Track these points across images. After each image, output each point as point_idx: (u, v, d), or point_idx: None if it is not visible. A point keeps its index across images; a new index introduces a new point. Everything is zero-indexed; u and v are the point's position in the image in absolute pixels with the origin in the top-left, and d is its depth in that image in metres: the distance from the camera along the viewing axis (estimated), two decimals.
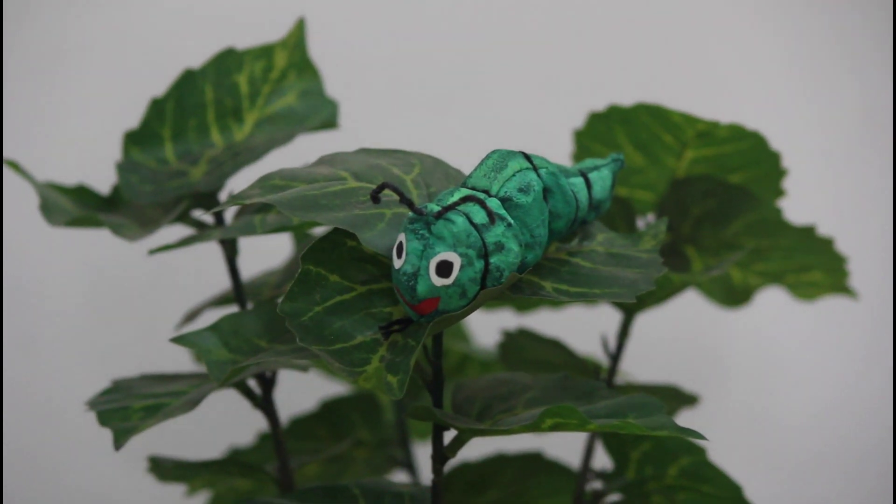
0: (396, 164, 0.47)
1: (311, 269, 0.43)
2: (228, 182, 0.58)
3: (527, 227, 0.43)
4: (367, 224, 0.43)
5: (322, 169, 0.46)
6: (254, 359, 0.47)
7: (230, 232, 0.54)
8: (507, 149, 0.44)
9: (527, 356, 0.65)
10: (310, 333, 0.42)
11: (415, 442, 0.75)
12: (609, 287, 0.45)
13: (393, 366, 0.41)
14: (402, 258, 0.41)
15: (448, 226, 0.40)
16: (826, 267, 0.65)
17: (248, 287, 0.63)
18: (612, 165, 0.50)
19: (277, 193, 0.44)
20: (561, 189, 0.45)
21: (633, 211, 0.64)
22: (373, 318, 0.42)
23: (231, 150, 0.59)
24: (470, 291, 0.41)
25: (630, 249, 0.48)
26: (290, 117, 0.60)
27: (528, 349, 0.65)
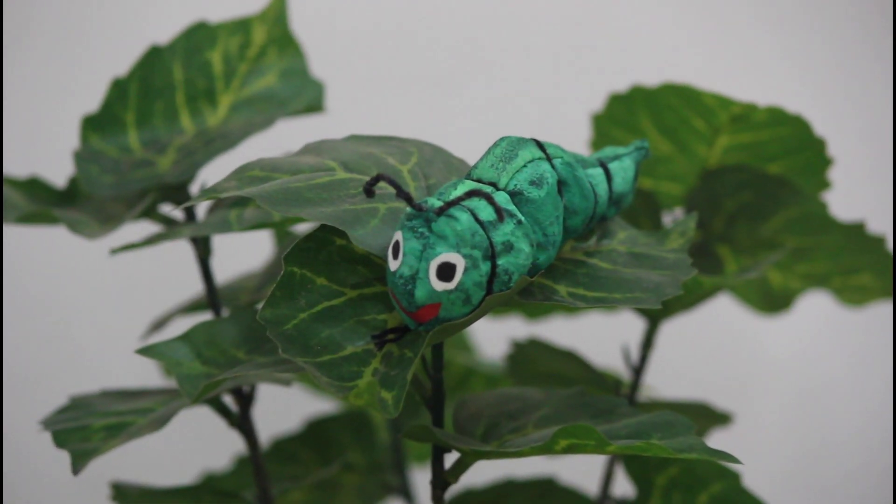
0: (391, 153, 0.47)
1: (294, 270, 0.43)
2: (200, 173, 0.58)
3: (539, 225, 0.43)
4: (358, 220, 0.43)
5: (307, 158, 0.46)
6: (230, 372, 0.47)
7: (203, 229, 0.54)
8: (516, 136, 0.44)
9: (538, 369, 0.65)
10: (294, 343, 0.42)
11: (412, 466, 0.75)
12: (631, 291, 0.45)
13: (387, 380, 0.41)
14: (399, 259, 0.41)
15: (451, 223, 0.40)
16: (876, 269, 0.65)
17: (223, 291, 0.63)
18: (634, 154, 0.50)
19: (256, 186, 0.44)
20: (577, 181, 0.45)
21: (659, 205, 0.64)
22: (365, 326, 0.43)
23: (203, 137, 0.59)
24: (475, 297, 0.41)
25: (655, 249, 0.49)
26: (270, 100, 0.60)
27: (540, 361, 0.65)
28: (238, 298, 0.62)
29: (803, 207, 0.63)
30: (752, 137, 0.62)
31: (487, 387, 0.75)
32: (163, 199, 0.58)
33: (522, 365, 0.65)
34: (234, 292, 0.63)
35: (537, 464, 0.80)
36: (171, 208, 0.55)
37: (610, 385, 0.62)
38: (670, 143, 0.64)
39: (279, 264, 0.63)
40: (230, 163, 0.56)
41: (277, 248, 0.67)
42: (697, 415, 0.66)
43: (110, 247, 0.57)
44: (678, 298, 0.60)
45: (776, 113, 0.61)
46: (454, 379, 0.74)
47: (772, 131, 0.62)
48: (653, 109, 0.63)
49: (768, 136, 0.62)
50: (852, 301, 0.67)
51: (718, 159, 0.64)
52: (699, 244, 0.64)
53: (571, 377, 0.64)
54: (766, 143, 0.63)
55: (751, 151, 0.63)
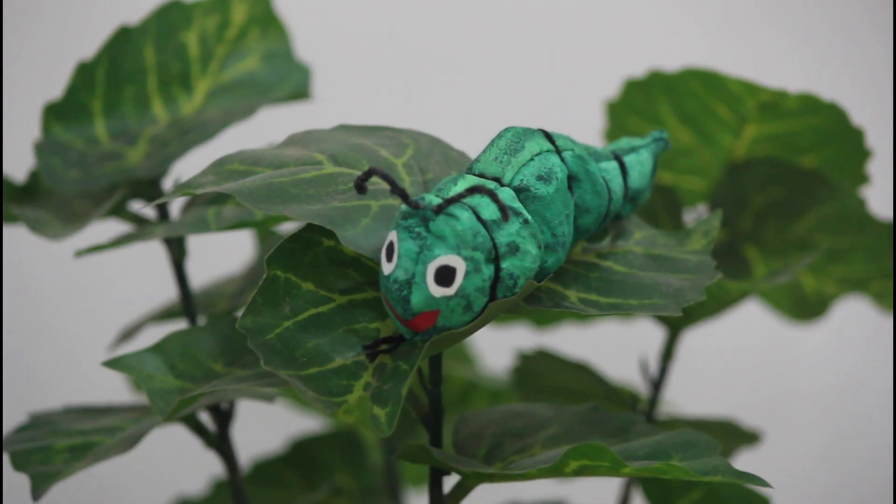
0: (385, 145, 0.47)
1: (278, 274, 0.43)
2: (174, 167, 0.58)
3: (547, 224, 0.43)
4: (348, 219, 0.43)
5: (292, 150, 0.46)
6: (207, 386, 0.47)
7: (177, 229, 0.54)
8: (523, 126, 0.45)
9: (546, 383, 0.65)
10: (277, 355, 0.42)
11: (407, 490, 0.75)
12: (649, 297, 0.45)
13: (380, 395, 0.41)
14: (393, 262, 0.41)
15: (450, 222, 0.41)
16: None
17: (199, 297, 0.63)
18: (653, 146, 0.50)
19: (236, 181, 0.44)
20: (590, 176, 0.45)
21: (680, 202, 0.64)
22: (355, 335, 0.43)
23: (178, 127, 0.59)
24: (476, 304, 0.41)
25: (675, 250, 0.49)
26: (251, 85, 0.60)
27: (549, 374, 0.65)
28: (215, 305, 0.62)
29: (839, 204, 0.63)
30: (782, 127, 0.63)
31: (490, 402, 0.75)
32: (133, 195, 0.58)
33: (529, 378, 0.65)
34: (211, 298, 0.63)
35: (545, 487, 0.80)
36: (142, 206, 0.55)
37: (626, 400, 0.62)
38: (692, 134, 0.64)
39: (261, 267, 0.63)
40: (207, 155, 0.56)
41: (259, 250, 0.67)
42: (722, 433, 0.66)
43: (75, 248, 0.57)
44: (701, 305, 0.60)
45: (809, 100, 0.61)
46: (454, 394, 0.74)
47: (804, 120, 0.62)
48: (673, 96, 0.63)
49: (800, 126, 0.62)
50: (893, 307, 0.68)
51: (745, 151, 0.64)
52: (724, 245, 0.64)
53: (583, 392, 0.64)
54: (798, 134, 0.63)
55: (781, 142, 0.63)
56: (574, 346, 0.77)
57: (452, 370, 0.75)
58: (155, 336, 0.59)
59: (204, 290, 0.65)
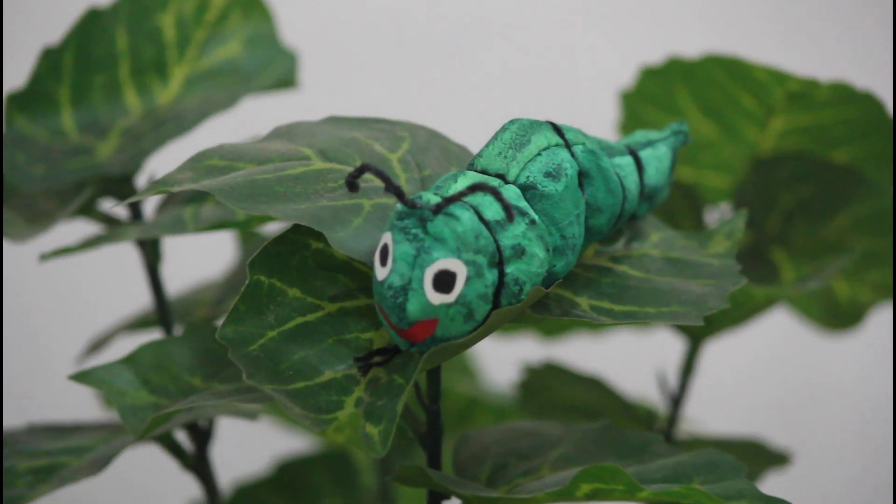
0: (378, 138, 0.47)
1: (262, 280, 0.43)
2: (148, 162, 0.58)
3: (556, 225, 0.43)
4: (338, 219, 0.43)
5: (277, 144, 0.46)
6: (184, 402, 0.47)
7: (151, 230, 0.54)
8: (529, 118, 0.45)
9: (555, 399, 0.65)
10: (261, 368, 0.42)
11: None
12: (667, 305, 0.46)
13: (374, 412, 0.41)
14: (388, 266, 0.41)
15: (450, 223, 0.41)
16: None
17: (175, 305, 0.64)
18: (671, 140, 0.50)
19: (216, 178, 0.44)
20: (602, 172, 0.45)
21: (701, 201, 0.64)
22: (346, 346, 0.43)
23: (152, 119, 0.59)
24: (479, 312, 0.41)
25: (696, 253, 0.49)
26: (232, 73, 0.60)
27: (558, 390, 0.65)
28: (193, 313, 0.63)
29: (875, 203, 0.63)
30: (812, 119, 0.63)
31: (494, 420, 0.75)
32: (103, 193, 0.58)
33: (537, 394, 0.65)
34: (188, 306, 0.63)
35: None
36: (113, 204, 0.55)
37: (642, 418, 0.63)
38: (714, 126, 0.64)
39: (243, 272, 0.63)
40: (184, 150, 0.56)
41: (241, 253, 0.68)
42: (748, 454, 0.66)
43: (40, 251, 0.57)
44: (724, 313, 0.60)
45: (842, 89, 0.61)
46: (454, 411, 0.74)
47: (837, 112, 0.62)
48: (693, 85, 0.63)
49: (832, 118, 0.62)
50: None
51: (773, 145, 0.64)
52: (750, 247, 0.64)
53: (595, 408, 0.64)
54: (829, 126, 0.63)
55: (811, 136, 0.63)
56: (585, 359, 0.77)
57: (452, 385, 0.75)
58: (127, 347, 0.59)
59: (181, 297, 0.65)
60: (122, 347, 0.64)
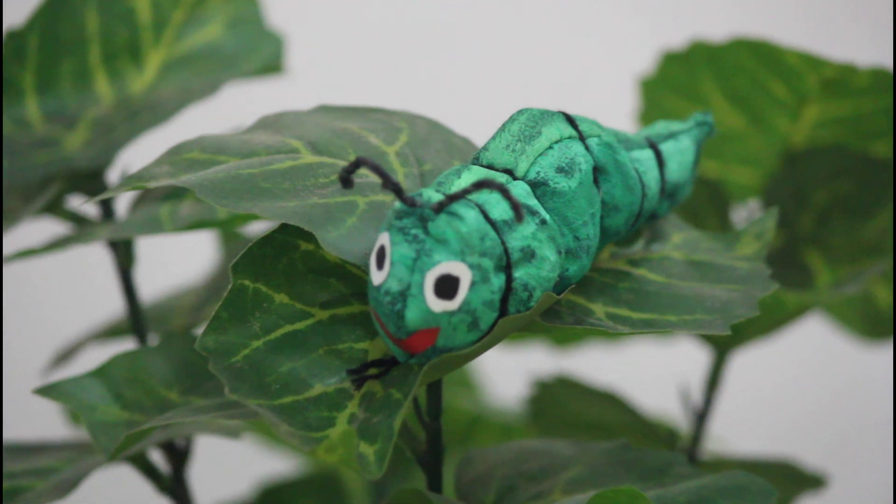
0: (374, 130, 0.47)
1: (246, 284, 0.43)
2: (121, 155, 0.58)
3: (569, 225, 0.43)
4: (330, 218, 0.43)
5: (263, 136, 0.46)
6: (160, 419, 0.47)
7: (124, 230, 0.54)
8: (539, 108, 0.45)
9: (568, 416, 0.65)
10: (245, 381, 0.42)
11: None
12: (690, 312, 0.46)
13: (369, 430, 0.41)
14: (385, 270, 0.41)
15: (453, 223, 0.41)
16: None
17: (151, 311, 0.64)
18: (695, 131, 0.51)
19: (196, 172, 0.44)
20: (620, 167, 0.45)
21: (728, 198, 0.64)
22: (339, 357, 0.43)
23: (126, 108, 0.59)
24: (484, 320, 0.41)
25: (722, 256, 0.49)
26: (213, 57, 0.60)
27: (570, 405, 0.65)
28: (170, 321, 0.63)
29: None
30: (850, 108, 0.63)
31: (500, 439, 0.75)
32: (72, 189, 0.58)
33: (547, 410, 0.66)
34: (165, 313, 0.63)
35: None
36: (82, 202, 0.56)
37: (663, 436, 0.63)
38: (742, 116, 0.64)
39: (225, 276, 0.63)
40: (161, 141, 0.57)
41: (223, 256, 0.68)
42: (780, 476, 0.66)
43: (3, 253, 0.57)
44: (753, 322, 0.60)
45: (882, 76, 0.61)
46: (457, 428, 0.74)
47: (876, 100, 0.62)
48: (719, 72, 0.63)
49: (871, 107, 0.62)
50: None
51: (806, 137, 0.64)
52: (781, 249, 0.64)
53: (611, 426, 0.64)
54: (868, 116, 0.63)
55: (848, 126, 0.63)
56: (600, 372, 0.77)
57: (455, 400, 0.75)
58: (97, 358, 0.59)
59: (156, 304, 0.65)
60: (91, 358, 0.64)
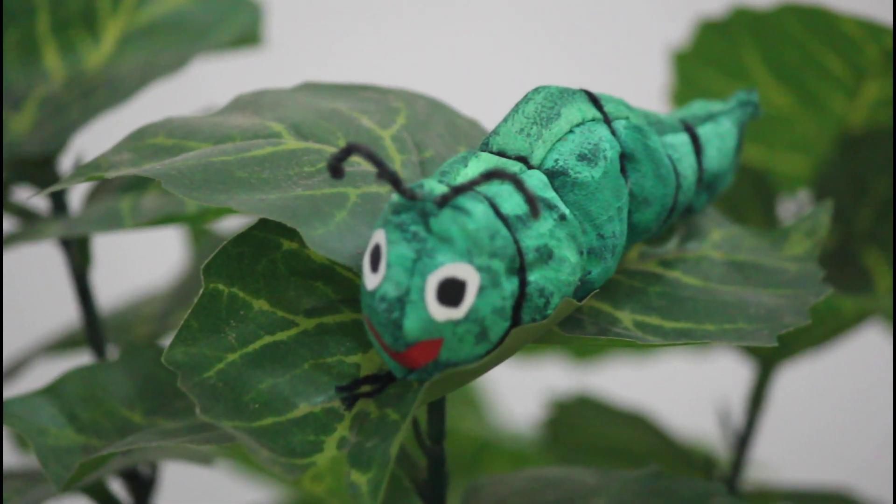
0: (367, 111, 0.47)
1: (220, 289, 0.43)
2: (75, 139, 0.58)
3: (592, 222, 0.44)
4: (317, 213, 0.43)
5: (239, 118, 0.46)
6: (120, 444, 0.47)
7: (79, 226, 0.54)
8: (558, 86, 0.45)
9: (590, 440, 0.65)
10: (219, 400, 0.42)
11: None
12: (732, 321, 0.46)
13: (361, 455, 0.41)
14: (381, 273, 0.41)
15: (459, 219, 0.41)
16: None
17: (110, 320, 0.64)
18: (737, 112, 0.51)
19: (162, 160, 0.45)
20: (651, 155, 0.45)
21: (774, 189, 0.64)
22: (327, 373, 0.43)
23: (79, 85, 0.59)
24: (494, 330, 0.41)
25: (768, 256, 0.49)
26: (180, 28, 0.60)
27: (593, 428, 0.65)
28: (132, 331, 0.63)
29: None
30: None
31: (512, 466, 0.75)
32: (18, 179, 0.58)
33: (566, 433, 0.66)
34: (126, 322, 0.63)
35: None
36: (30, 194, 0.56)
37: (698, 463, 0.63)
38: (791, 94, 0.64)
39: (196, 279, 0.63)
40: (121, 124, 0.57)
41: (193, 256, 0.68)
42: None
43: None
44: (803, 331, 0.60)
45: None
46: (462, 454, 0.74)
47: None
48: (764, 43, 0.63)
49: None
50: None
51: (864, 118, 0.64)
52: (836, 248, 0.64)
53: (640, 451, 0.64)
54: None
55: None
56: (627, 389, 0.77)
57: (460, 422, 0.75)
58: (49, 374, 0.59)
59: (116, 311, 0.66)
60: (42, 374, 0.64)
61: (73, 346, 0.65)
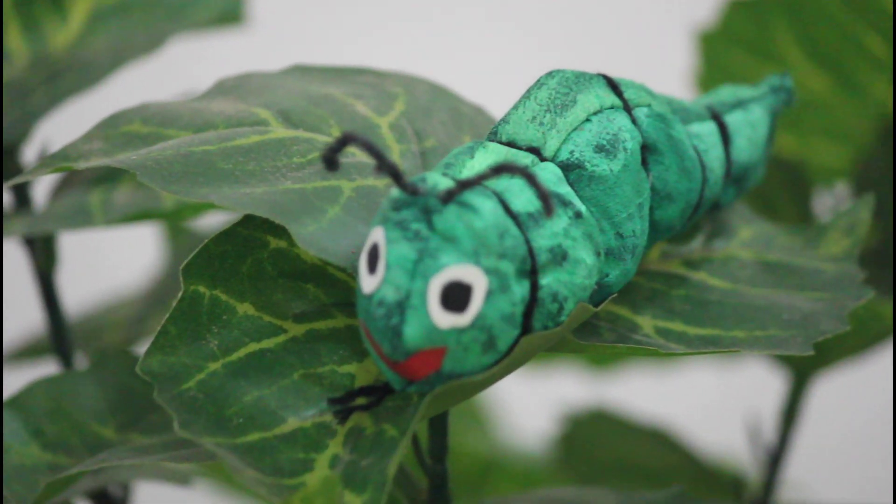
0: (362, 96, 0.47)
1: (200, 291, 0.43)
2: (39, 127, 0.59)
3: (610, 220, 0.44)
4: (308, 208, 0.43)
5: (222, 104, 0.46)
6: (91, 461, 0.47)
7: (45, 223, 0.54)
8: (573, 70, 0.45)
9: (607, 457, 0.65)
10: (199, 413, 0.42)
11: None
12: (763, 327, 0.46)
13: (356, 475, 0.41)
14: (379, 275, 0.41)
15: (465, 216, 0.41)
16: None
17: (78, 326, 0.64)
18: (769, 98, 0.51)
19: (136, 150, 0.45)
20: (675, 146, 0.46)
21: (810, 182, 0.64)
22: (318, 384, 0.43)
23: (45, 67, 0.59)
24: (502, 338, 0.41)
25: (803, 255, 0.49)
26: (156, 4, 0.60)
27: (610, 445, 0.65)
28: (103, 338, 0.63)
29: None
30: None
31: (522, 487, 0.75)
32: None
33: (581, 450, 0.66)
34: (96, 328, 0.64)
35: None
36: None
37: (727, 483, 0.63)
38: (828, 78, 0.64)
39: (174, 281, 0.63)
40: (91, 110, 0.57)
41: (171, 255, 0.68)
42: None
43: None
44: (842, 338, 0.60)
45: None
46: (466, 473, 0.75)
47: None
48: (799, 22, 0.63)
49: None
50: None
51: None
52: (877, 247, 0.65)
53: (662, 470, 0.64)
54: None
55: None
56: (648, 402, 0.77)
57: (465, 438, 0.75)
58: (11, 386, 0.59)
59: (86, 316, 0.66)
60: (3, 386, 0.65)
61: (37, 354, 0.65)
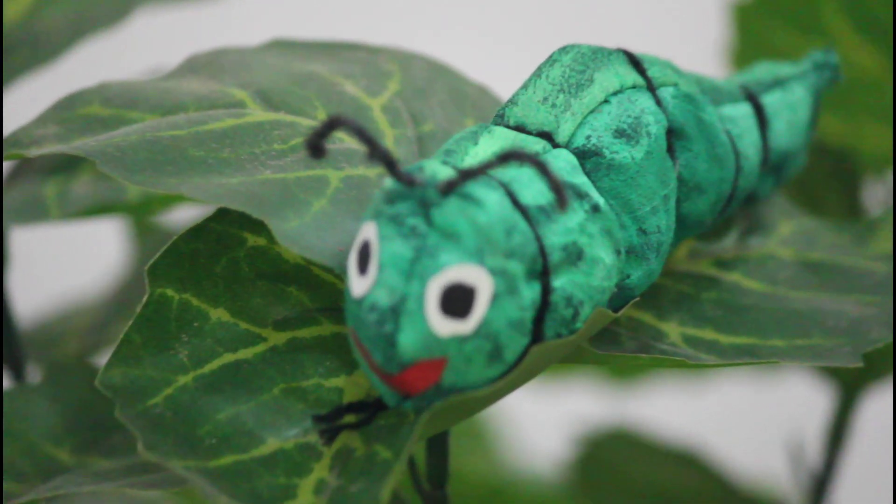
0: (351, 74, 0.47)
1: (169, 295, 0.43)
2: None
3: (632, 214, 0.44)
4: (290, 201, 0.43)
5: (192, 83, 0.46)
6: (44, 488, 0.47)
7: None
8: (590, 44, 0.45)
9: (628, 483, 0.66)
10: (167, 434, 0.42)
11: None
12: (806, 335, 0.46)
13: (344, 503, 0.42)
14: (370, 276, 0.41)
15: (468, 210, 0.41)
16: None
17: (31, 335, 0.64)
18: (812, 77, 0.51)
19: (96, 135, 0.45)
20: (705, 130, 0.46)
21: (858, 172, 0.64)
22: (301, 400, 0.43)
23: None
24: (510, 348, 0.41)
25: (851, 254, 0.49)
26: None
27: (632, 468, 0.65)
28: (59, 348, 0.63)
29: None
30: None
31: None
32: None
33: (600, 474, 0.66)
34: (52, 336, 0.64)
35: None
36: None
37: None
38: (879, 54, 0.64)
39: (138, 283, 0.64)
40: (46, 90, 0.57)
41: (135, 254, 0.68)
42: None
43: None
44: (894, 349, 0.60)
45: None
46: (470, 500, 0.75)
47: None
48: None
49: None
50: None
51: None
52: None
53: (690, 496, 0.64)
54: None
55: None
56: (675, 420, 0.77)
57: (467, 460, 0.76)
58: None
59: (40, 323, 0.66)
60: None
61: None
